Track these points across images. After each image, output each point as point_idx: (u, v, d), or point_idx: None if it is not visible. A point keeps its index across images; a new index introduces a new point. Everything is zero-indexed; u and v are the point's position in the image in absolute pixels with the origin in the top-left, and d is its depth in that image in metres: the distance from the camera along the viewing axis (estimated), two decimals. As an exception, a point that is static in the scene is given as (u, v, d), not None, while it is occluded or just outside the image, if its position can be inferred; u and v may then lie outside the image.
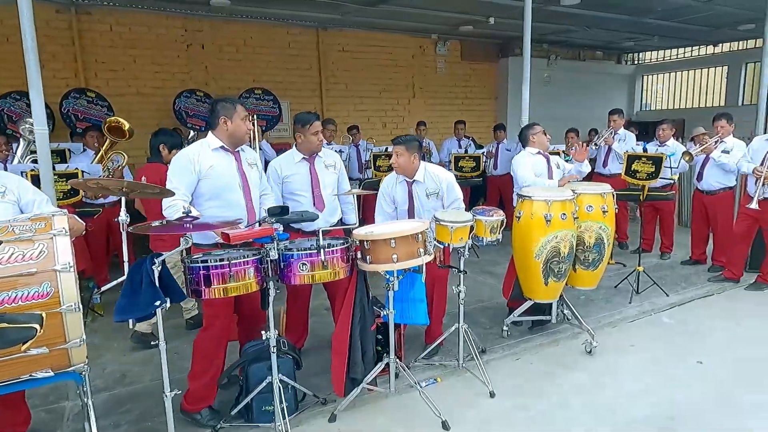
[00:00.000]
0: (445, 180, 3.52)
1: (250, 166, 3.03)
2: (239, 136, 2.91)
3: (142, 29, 7.35)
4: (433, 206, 3.45)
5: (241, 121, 2.89)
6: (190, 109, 7.26)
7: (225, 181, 2.87)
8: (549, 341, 3.95)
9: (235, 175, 2.92)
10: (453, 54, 10.12)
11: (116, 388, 3.41)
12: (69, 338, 2.10)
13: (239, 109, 2.91)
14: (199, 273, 2.38)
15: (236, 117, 2.88)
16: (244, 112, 2.93)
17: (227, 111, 2.88)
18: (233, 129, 2.88)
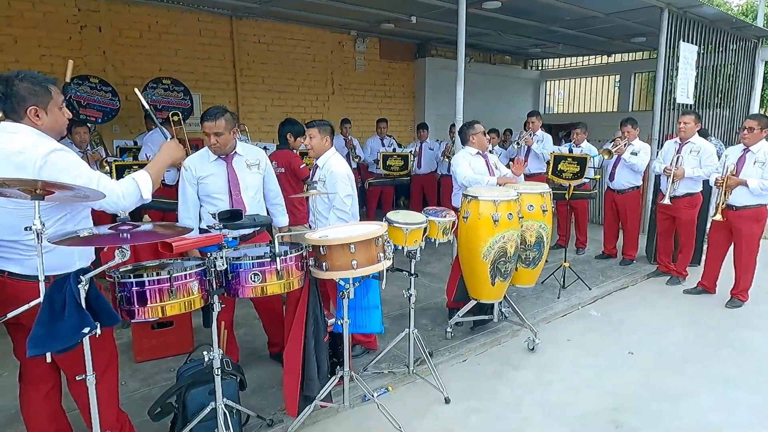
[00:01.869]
0: (330, 173, 3.44)
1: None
2: (58, 128, 2.20)
3: (23, 5, 6.37)
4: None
5: (59, 110, 2.19)
6: (82, 98, 6.43)
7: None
8: (491, 340, 3.96)
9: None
10: (372, 51, 10.01)
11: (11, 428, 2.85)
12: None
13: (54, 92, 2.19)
14: (132, 290, 2.01)
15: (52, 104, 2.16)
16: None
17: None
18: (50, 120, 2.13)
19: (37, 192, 1.61)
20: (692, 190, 5.07)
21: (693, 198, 5.10)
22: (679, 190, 5.03)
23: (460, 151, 4.25)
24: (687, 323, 4.37)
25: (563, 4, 7.01)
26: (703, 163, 4.93)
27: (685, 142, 5.01)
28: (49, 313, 1.66)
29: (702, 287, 4.98)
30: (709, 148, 4.97)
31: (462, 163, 4.07)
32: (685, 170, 4.91)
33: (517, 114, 11.43)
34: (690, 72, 7.07)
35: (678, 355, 3.75)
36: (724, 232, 4.68)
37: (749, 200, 4.45)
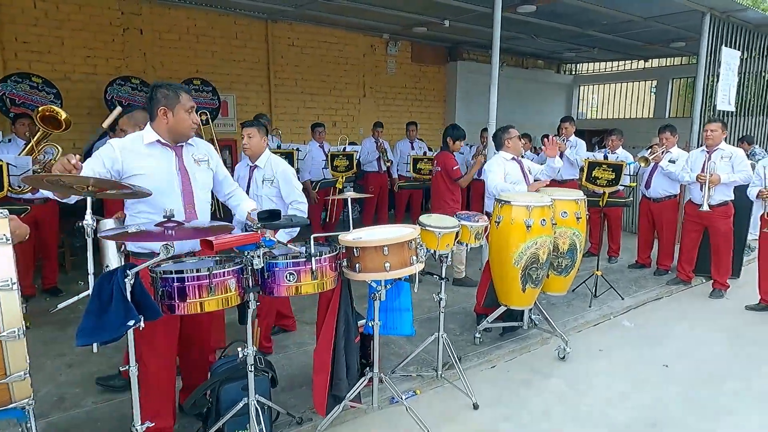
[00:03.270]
0: (281, 171, 3.49)
1: (197, 162, 2.57)
2: (181, 130, 2.45)
3: (71, 8, 6.63)
4: (267, 193, 3.52)
5: (186, 113, 2.43)
6: (124, 99, 6.64)
7: (157, 182, 2.36)
8: (521, 347, 3.92)
9: (173, 175, 2.47)
10: (403, 55, 10.05)
11: (53, 414, 2.96)
12: (10, 371, 1.73)
13: (183, 98, 2.44)
14: (173, 285, 2.08)
15: (179, 108, 2.42)
16: (189, 102, 2.46)
17: (168, 100, 2.41)
18: (174, 122, 2.42)
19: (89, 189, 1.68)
20: (727, 198, 4.94)
21: (728, 207, 4.96)
22: (714, 198, 4.89)
23: (494, 157, 4.21)
24: (726, 337, 4.23)
25: (600, 8, 6.90)
26: (735, 168, 4.82)
27: (713, 149, 4.90)
28: (98, 305, 1.74)
29: (765, 303, 4.78)
30: (740, 153, 4.88)
31: (496, 170, 4.03)
32: (720, 176, 4.78)
33: (550, 119, 11.27)
34: (732, 78, 6.85)
35: (717, 371, 3.64)
36: None
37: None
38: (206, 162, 2.63)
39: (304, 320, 4.30)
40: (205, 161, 2.62)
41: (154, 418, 2.32)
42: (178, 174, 2.47)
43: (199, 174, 2.56)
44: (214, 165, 2.68)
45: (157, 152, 2.45)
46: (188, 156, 2.55)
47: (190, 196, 2.50)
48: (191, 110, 2.47)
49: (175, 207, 2.13)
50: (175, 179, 2.46)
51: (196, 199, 2.51)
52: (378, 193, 7.42)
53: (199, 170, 2.56)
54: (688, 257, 5.36)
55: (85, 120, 6.62)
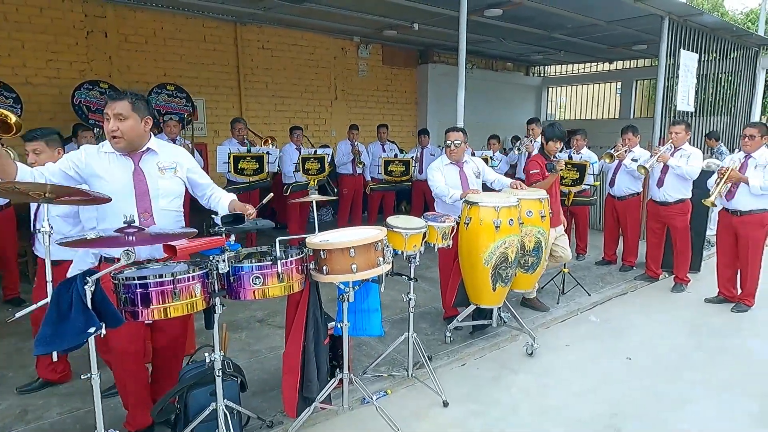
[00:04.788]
0: None
1: (161, 170, 2.52)
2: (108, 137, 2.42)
3: (31, 11, 6.48)
4: None
5: (104, 120, 2.41)
6: (92, 104, 6.51)
7: (112, 189, 2.34)
8: (490, 345, 3.99)
9: (128, 180, 2.44)
10: (375, 58, 10.10)
11: (16, 427, 2.89)
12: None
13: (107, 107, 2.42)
14: (136, 291, 2.06)
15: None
16: (106, 108, 2.41)
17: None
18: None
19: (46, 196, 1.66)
20: (685, 195, 5.12)
21: (685, 204, 5.15)
22: (672, 195, 5.08)
23: (432, 163, 4.30)
24: (687, 330, 4.39)
25: (565, 12, 7.07)
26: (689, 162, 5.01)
27: (678, 149, 5.09)
28: (57, 313, 1.71)
29: (723, 296, 4.96)
30: (697, 153, 5.07)
31: (434, 174, 4.12)
32: (673, 163, 4.98)
33: (520, 120, 11.47)
34: (691, 80, 7.11)
35: (678, 362, 3.77)
36: (729, 239, 4.73)
37: (753, 205, 4.50)
38: (173, 169, 2.57)
39: (274, 324, 4.30)
40: (172, 168, 2.57)
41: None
42: (131, 180, 2.43)
43: (161, 181, 2.51)
44: (183, 172, 2.63)
45: (114, 159, 2.44)
46: (150, 163, 2.51)
47: (147, 203, 2.45)
48: (106, 117, 2.39)
49: (130, 213, 2.09)
50: (130, 185, 2.42)
51: (154, 206, 2.47)
52: (352, 196, 7.45)
53: (162, 178, 2.52)
54: (654, 254, 5.54)
55: (47, 125, 6.45)
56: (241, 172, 5.88)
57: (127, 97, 2.40)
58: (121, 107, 2.37)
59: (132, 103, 2.40)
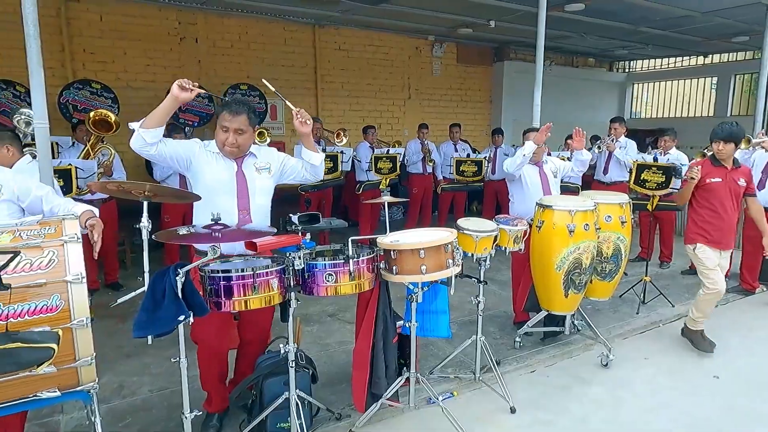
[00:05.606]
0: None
1: (257, 171, 2.73)
2: (219, 145, 2.62)
3: (133, 20, 7.08)
4: None
5: (220, 130, 2.59)
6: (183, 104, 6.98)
7: (217, 185, 2.59)
8: (562, 353, 3.87)
9: (229, 180, 2.64)
10: (449, 56, 10.05)
11: (113, 400, 3.20)
12: (79, 356, 1.92)
13: (221, 116, 2.59)
14: (220, 283, 2.22)
15: (218, 125, 2.61)
16: (224, 121, 2.56)
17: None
18: (216, 136, 2.63)
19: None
20: None
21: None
22: None
23: (508, 158, 4.21)
24: (785, 349, 4.01)
25: (654, 4, 6.67)
26: None
27: None
28: (152, 301, 1.89)
29: None
30: None
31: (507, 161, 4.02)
32: None
33: (600, 118, 10.94)
34: (800, 74, 6.44)
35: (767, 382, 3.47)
36: None
37: None
38: (268, 169, 2.78)
39: (344, 319, 4.42)
40: (266, 169, 2.77)
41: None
42: (234, 180, 2.63)
43: (258, 181, 2.71)
44: (274, 172, 2.82)
45: (219, 159, 2.65)
46: (250, 165, 2.71)
47: (246, 201, 2.66)
48: (225, 130, 2.57)
49: (230, 210, 2.34)
50: (231, 184, 2.62)
51: (251, 204, 2.67)
52: (422, 195, 7.47)
53: (258, 178, 2.72)
54: (750, 264, 5.09)
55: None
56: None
57: (245, 112, 2.58)
58: (240, 122, 2.56)
59: (249, 117, 2.61)
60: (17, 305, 1.74)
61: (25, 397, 1.90)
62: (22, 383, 1.83)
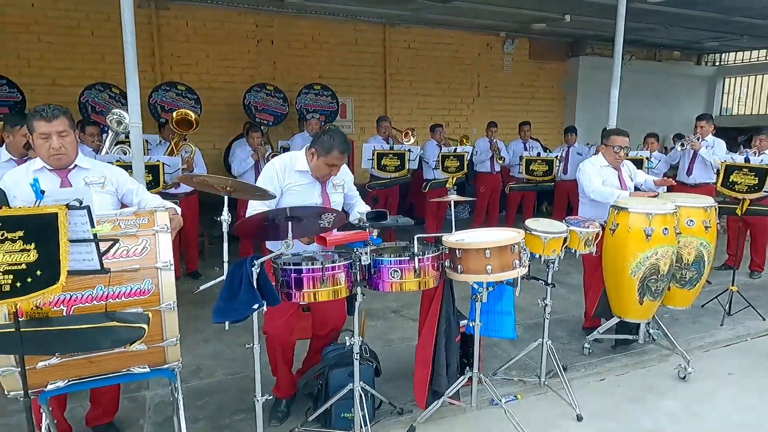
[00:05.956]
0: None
1: (335, 187, 2.92)
2: (317, 173, 2.78)
3: (215, 25, 7.49)
4: None
5: (325, 165, 2.71)
6: (259, 104, 7.33)
7: (302, 203, 2.74)
8: (635, 363, 3.69)
9: (316, 200, 2.82)
10: (520, 52, 9.80)
11: (192, 381, 3.43)
12: (166, 337, 2.10)
13: (331, 154, 2.69)
14: (291, 276, 2.33)
15: (321, 159, 2.71)
16: (331, 159, 2.69)
17: (318, 147, 2.71)
18: (316, 166, 2.75)
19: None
20: None
21: None
22: None
23: (587, 160, 4.01)
24: None
25: (749, -8, 6.15)
26: None
27: None
28: (230, 289, 2.03)
29: None
30: None
31: (591, 172, 3.82)
32: None
33: (685, 116, 10.25)
34: None
35: None
36: None
37: None
38: (342, 186, 2.98)
39: (408, 316, 4.46)
40: (341, 185, 2.97)
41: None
42: (320, 199, 2.83)
43: (335, 197, 2.91)
44: (348, 188, 3.02)
45: (306, 179, 2.80)
46: (330, 183, 2.89)
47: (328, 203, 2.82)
48: (333, 166, 2.73)
49: None
50: (317, 201, 2.81)
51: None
52: (489, 195, 7.37)
53: (335, 194, 2.92)
54: None
55: (223, 124, 7.46)
56: (383, 169, 6.17)
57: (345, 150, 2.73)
58: (342, 160, 2.73)
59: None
60: (115, 287, 1.93)
61: (119, 371, 2.10)
62: (117, 359, 2.04)
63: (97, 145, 4.62)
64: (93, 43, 6.79)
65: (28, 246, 1.43)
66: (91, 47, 6.79)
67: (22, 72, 6.51)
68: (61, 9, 6.67)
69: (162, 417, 2.99)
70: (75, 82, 6.56)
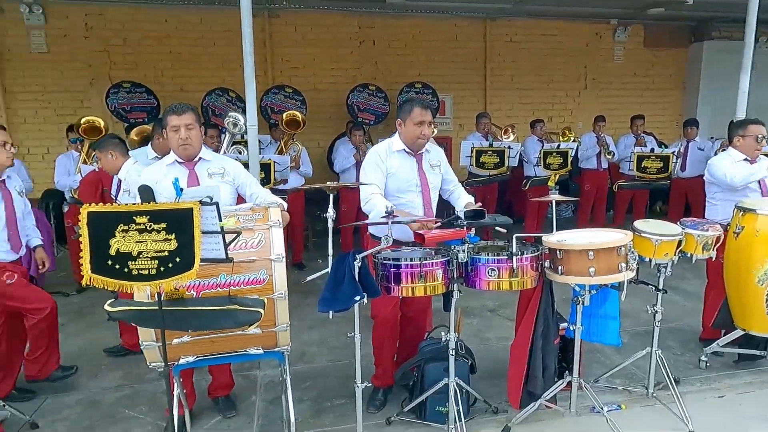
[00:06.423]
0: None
1: (432, 167, 3.01)
2: (410, 140, 2.89)
3: (321, 29, 7.86)
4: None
5: (414, 126, 2.84)
6: (361, 104, 7.60)
7: (404, 183, 2.90)
8: (761, 381, 3.34)
9: (414, 177, 2.93)
10: (634, 40, 9.11)
11: (297, 365, 3.69)
12: (278, 322, 2.30)
13: (414, 111, 2.84)
14: (390, 270, 2.43)
15: (409, 121, 2.86)
16: (420, 116, 2.83)
17: (402, 113, 2.90)
18: (406, 132, 2.88)
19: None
20: None
21: None
22: None
23: (720, 156, 3.64)
24: None
25: None
26: None
27: None
28: (334, 281, 2.18)
29: None
30: None
31: (725, 165, 3.46)
32: None
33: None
34: None
35: None
36: None
37: None
38: (438, 167, 3.05)
39: (504, 315, 4.41)
40: (438, 166, 3.04)
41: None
42: (418, 176, 2.92)
43: (432, 177, 2.98)
44: (444, 168, 3.09)
45: (403, 158, 2.94)
46: (426, 162, 2.98)
47: (428, 195, 2.94)
48: (420, 123, 2.83)
49: (416, 204, 2.80)
50: (415, 180, 2.92)
51: (432, 197, 2.97)
52: (595, 193, 6.99)
53: (432, 174, 2.99)
54: None
55: (327, 124, 7.83)
56: (482, 166, 6.12)
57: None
58: (426, 115, 2.85)
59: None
60: (235, 276, 2.16)
61: (236, 351, 2.35)
62: (236, 339, 2.27)
63: (216, 146, 5.10)
64: (214, 52, 7.47)
65: (170, 236, 1.67)
66: (213, 56, 7.48)
67: (156, 80, 7.34)
68: (189, 23, 7.41)
69: (271, 395, 3.27)
70: (198, 88, 7.27)
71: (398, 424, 2.92)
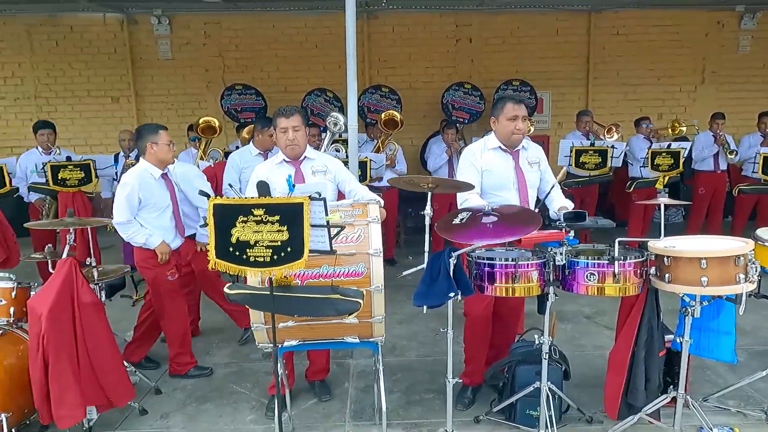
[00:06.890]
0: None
1: (530, 165, 2.99)
2: (505, 136, 2.90)
3: (418, 28, 7.96)
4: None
5: (508, 121, 2.85)
6: (456, 102, 7.59)
7: (500, 180, 2.91)
8: None
9: (511, 174, 2.92)
10: (763, 27, 8.20)
11: (387, 357, 3.79)
12: (374, 314, 2.41)
13: (507, 107, 2.85)
14: (484, 269, 2.44)
15: (502, 117, 2.87)
16: (513, 111, 2.84)
17: (495, 111, 2.92)
18: (500, 129, 2.90)
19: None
20: None
21: None
22: None
23: None
24: None
25: None
26: None
27: None
28: (430, 277, 2.25)
29: None
30: None
31: None
32: None
33: None
34: None
35: None
36: None
37: None
38: (537, 164, 3.03)
39: (602, 323, 4.21)
40: (536, 163, 3.03)
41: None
42: (515, 173, 2.93)
43: (530, 174, 2.98)
44: (543, 167, 3.06)
45: (499, 155, 2.96)
46: (523, 159, 2.98)
47: (525, 193, 2.94)
48: (514, 119, 2.83)
49: (513, 202, 2.80)
50: (512, 178, 2.92)
51: (530, 195, 2.96)
52: (710, 197, 6.40)
53: (530, 171, 2.98)
54: None
55: (421, 122, 7.92)
56: (582, 166, 5.83)
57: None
58: (520, 110, 2.87)
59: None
60: (337, 267, 2.30)
61: (334, 339, 2.49)
62: (335, 327, 2.42)
63: (316, 144, 5.38)
64: (316, 54, 7.86)
65: (282, 228, 1.84)
66: (315, 58, 7.87)
67: (263, 83, 7.87)
68: (294, 27, 7.86)
69: (363, 384, 3.41)
70: (301, 88, 7.69)
71: (487, 423, 2.93)
